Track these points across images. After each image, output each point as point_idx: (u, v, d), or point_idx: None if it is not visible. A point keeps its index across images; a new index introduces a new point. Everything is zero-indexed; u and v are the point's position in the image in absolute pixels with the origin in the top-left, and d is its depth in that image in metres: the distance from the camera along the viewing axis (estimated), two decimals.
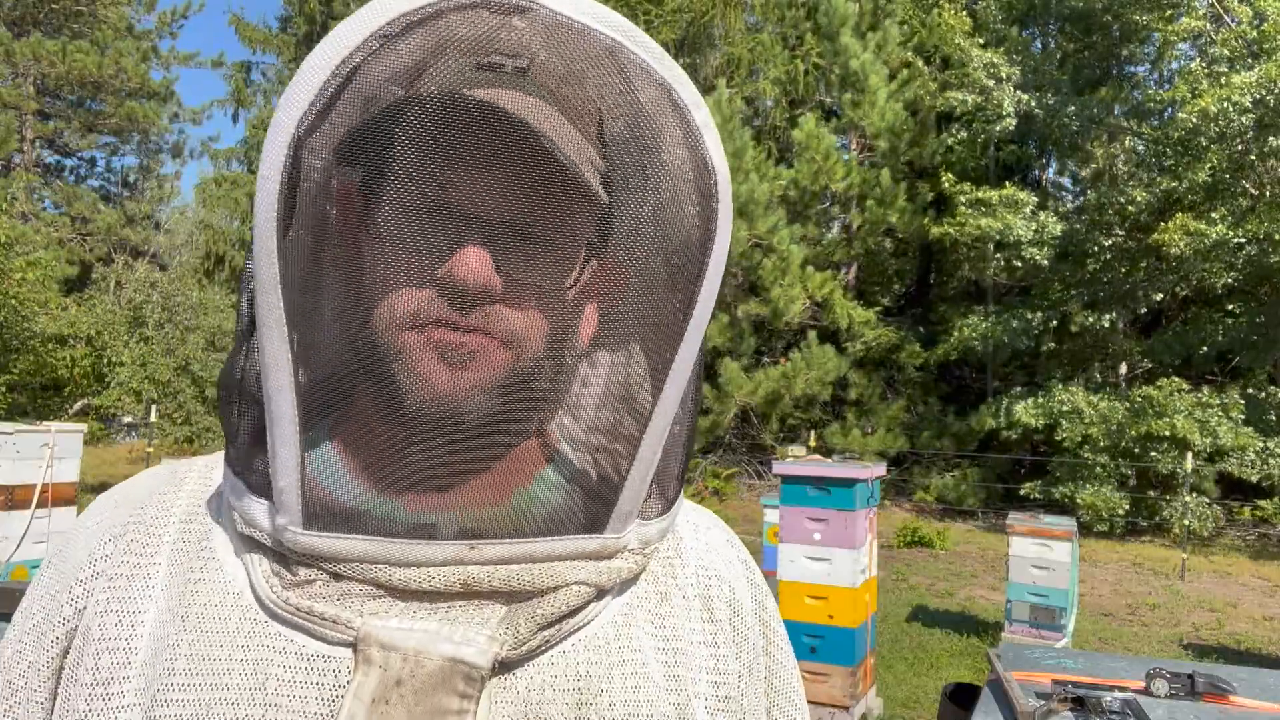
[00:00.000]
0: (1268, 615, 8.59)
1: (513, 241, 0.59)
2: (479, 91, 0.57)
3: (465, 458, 0.60)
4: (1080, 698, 2.04)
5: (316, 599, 0.57)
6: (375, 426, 0.62)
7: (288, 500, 0.57)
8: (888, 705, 5.61)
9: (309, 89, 0.54)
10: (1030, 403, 14.01)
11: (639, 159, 0.60)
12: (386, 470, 0.61)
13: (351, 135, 0.56)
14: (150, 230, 29.96)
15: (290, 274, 0.55)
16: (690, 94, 0.59)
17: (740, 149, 15.89)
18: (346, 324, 0.60)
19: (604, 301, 0.64)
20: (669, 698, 0.64)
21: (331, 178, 0.58)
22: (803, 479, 5.19)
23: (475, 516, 0.60)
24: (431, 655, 0.55)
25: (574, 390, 0.68)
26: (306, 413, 0.57)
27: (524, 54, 0.58)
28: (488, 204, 0.58)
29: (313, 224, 0.57)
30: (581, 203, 0.59)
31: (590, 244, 0.62)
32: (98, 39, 26.56)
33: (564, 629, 0.61)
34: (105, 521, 0.68)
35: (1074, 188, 17.97)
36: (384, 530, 0.57)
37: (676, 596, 0.69)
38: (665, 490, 0.67)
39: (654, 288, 0.62)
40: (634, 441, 0.62)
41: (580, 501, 0.64)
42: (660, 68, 0.58)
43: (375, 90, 0.56)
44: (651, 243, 0.61)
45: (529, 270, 0.59)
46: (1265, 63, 11.66)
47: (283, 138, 0.54)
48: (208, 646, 0.58)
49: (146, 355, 15.81)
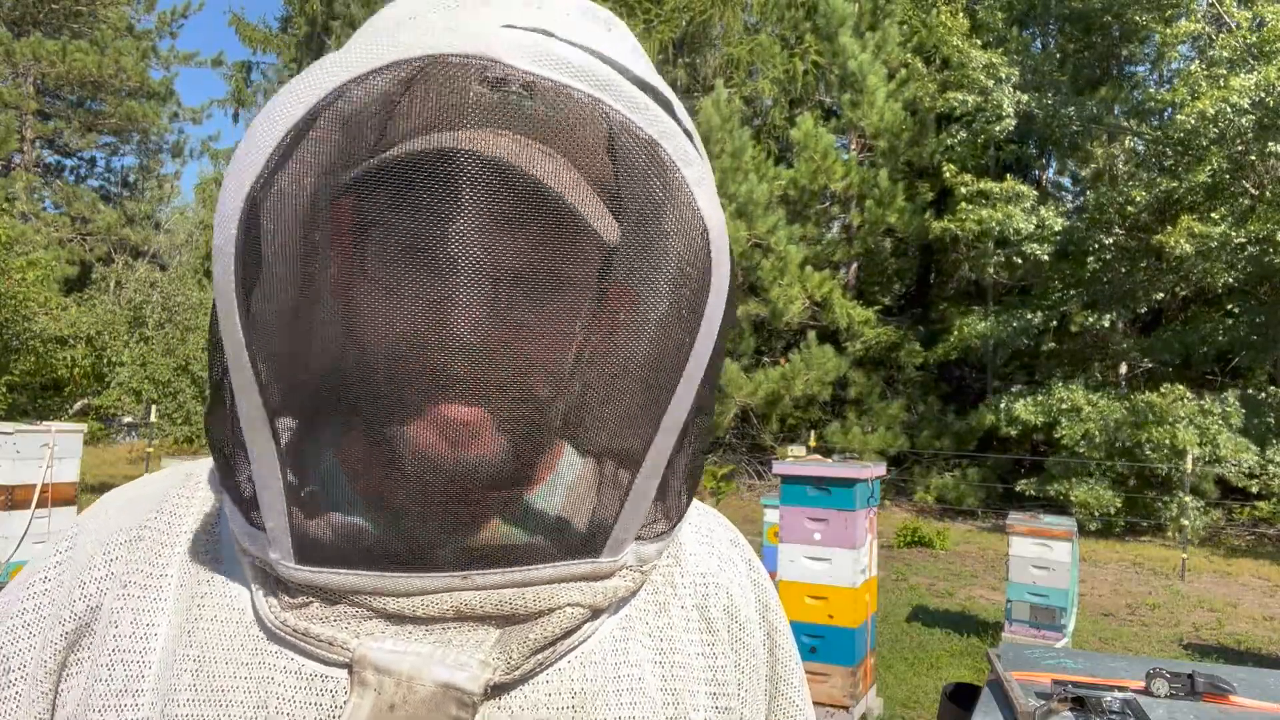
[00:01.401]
0: (1268, 615, 8.59)
1: (511, 300, 0.56)
2: (484, 140, 0.53)
3: (462, 508, 0.59)
4: (1080, 698, 2.04)
5: (313, 620, 0.57)
6: (367, 469, 0.61)
7: (278, 539, 0.57)
8: (888, 705, 5.61)
9: (270, 137, 0.50)
10: (1030, 401, 14.02)
11: (634, 217, 0.58)
12: (379, 506, 0.60)
13: (314, 191, 0.53)
14: (150, 230, 29.97)
15: (261, 333, 0.53)
16: (680, 148, 0.55)
17: (739, 149, 15.90)
18: (329, 384, 0.58)
19: (605, 346, 0.62)
20: (666, 711, 0.63)
21: (291, 236, 0.53)
22: (803, 479, 5.19)
23: (468, 547, 0.59)
24: (424, 680, 0.55)
25: (573, 421, 0.66)
26: (293, 452, 0.57)
27: (511, 108, 0.54)
28: (494, 259, 0.54)
29: (277, 279, 0.53)
30: (585, 259, 0.57)
31: (594, 294, 0.60)
32: (97, 39, 26.57)
33: (559, 649, 0.60)
34: (118, 521, 0.67)
35: (1074, 187, 17.99)
36: (377, 564, 0.57)
37: (675, 607, 0.69)
38: (667, 513, 0.66)
39: (651, 337, 0.60)
40: (630, 475, 0.61)
41: (575, 529, 0.63)
42: (645, 123, 0.54)
43: (341, 141, 0.52)
44: (649, 298, 0.59)
45: (533, 326, 0.57)
46: (1265, 66, 11.67)
47: (240, 187, 0.50)
48: (212, 664, 0.58)
49: (146, 355, 15.82)
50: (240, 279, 0.52)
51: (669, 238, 0.57)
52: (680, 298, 0.59)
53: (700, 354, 0.59)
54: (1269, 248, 12.30)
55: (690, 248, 0.57)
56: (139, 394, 15.47)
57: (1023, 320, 14.97)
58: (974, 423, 15.46)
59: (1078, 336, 15.69)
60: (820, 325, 16.39)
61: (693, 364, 0.59)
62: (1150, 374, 15.07)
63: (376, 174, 0.53)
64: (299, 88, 0.51)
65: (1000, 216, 14.30)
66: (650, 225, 0.57)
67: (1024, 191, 14.63)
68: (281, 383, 0.56)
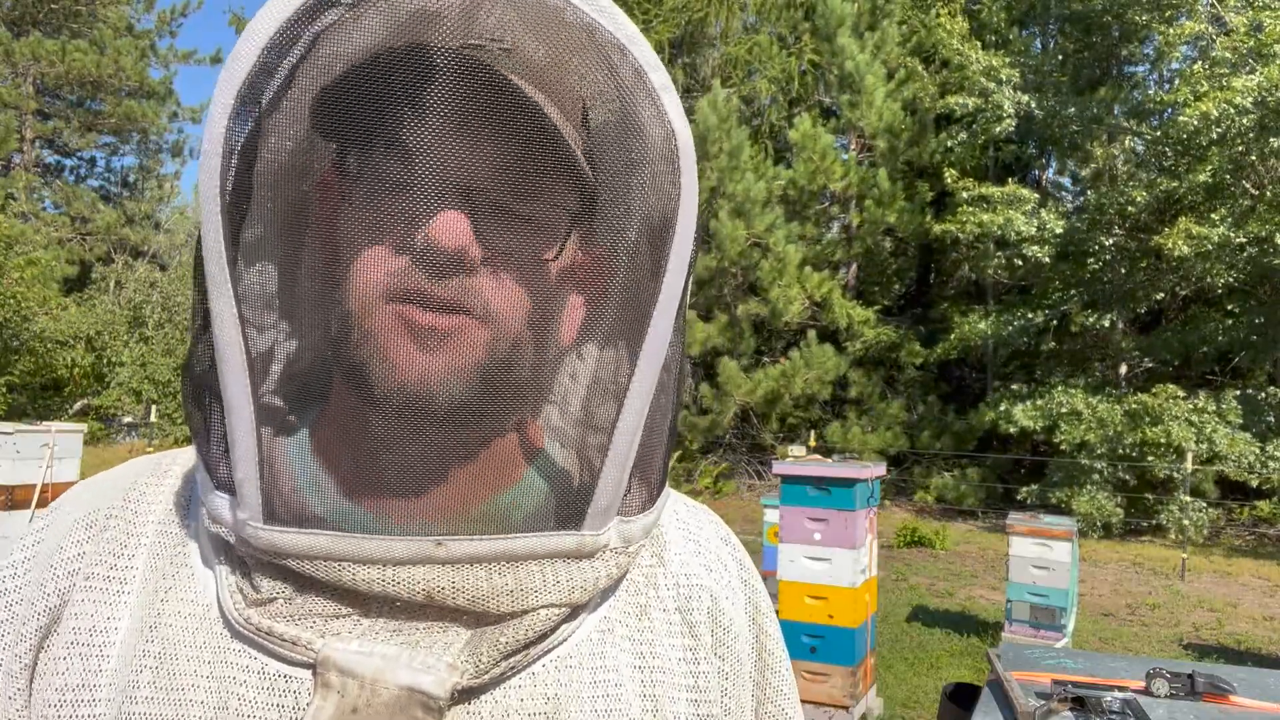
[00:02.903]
0: (1268, 615, 8.59)
1: (494, 209, 0.55)
2: (442, 43, 0.53)
3: (436, 450, 0.57)
4: (1080, 698, 2.04)
5: (277, 618, 0.55)
6: (340, 415, 0.59)
7: (247, 494, 0.54)
8: (888, 705, 5.61)
9: (254, 46, 0.50)
10: (1029, 405, 14.01)
11: (603, 125, 0.58)
12: (352, 463, 0.58)
13: (303, 94, 0.53)
14: (150, 230, 29.99)
15: (242, 253, 0.53)
16: (647, 55, 0.56)
17: (736, 148, 15.90)
18: (308, 303, 0.57)
19: (581, 277, 0.61)
20: (644, 718, 0.61)
21: (285, 142, 0.54)
22: (803, 479, 5.19)
23: (443, 512, 0.57)
24: (388, 683, 0.53)
25: (550, 378, 0.64)
26: (267, 403, 0.55)
27: (485, 22, 0.54)
28: (467, 167, 0.54)
29: (267, 197, 0.54)
30: (562, 166, 0.56)
31: (570, 214, 0.58)
32: (97, 38, 26.58)
33: (533, 653, 0.58)
34: (84, 510, 0.65)
35: (1074, 188, 17.99)
36: (346, 526, 0.55)
37: (656, 610, 0.66)
38: (647, 483, 0.64)
39: (626, 257, 0.59)
40: (609, 428, 0.58)
41: (555, 495, 0.61)
42: (613, 27, 0.55)
43: (329, 44, 0.53)
44: (621, 212, 0.58)
45: (510, 241, 0.56)
46: (1265, 67, 11.67)
47: (225, 99, 0.50)
48: (174, 661, 0.56)
49: (146, 355, 15.84)
50: (225, 187, 0.51)
51: (636, 140, 0.57)
52: (649, 214, 0.58)
53: (673, 283, 0.57)
54: (1269, 248, 12.30)
55: (659, 155, 0.57)
56: (139, 394, 15.49)
57: (1023, 319, 14.97)
58: (974, 423, 15.46)
59: (1078, 336, 15.69)
60: (820, 325, 16.39)
61: (666, 293, 0.57)
62: (1150, 374, 15.07)
63: (351, 79, 0.53)
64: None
65: (1001, 220, 14.31)
66: (620, 129, 0.57)
67: (1025, 195, 14.63)
68: (260, 308, 0.54)
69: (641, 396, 0.58)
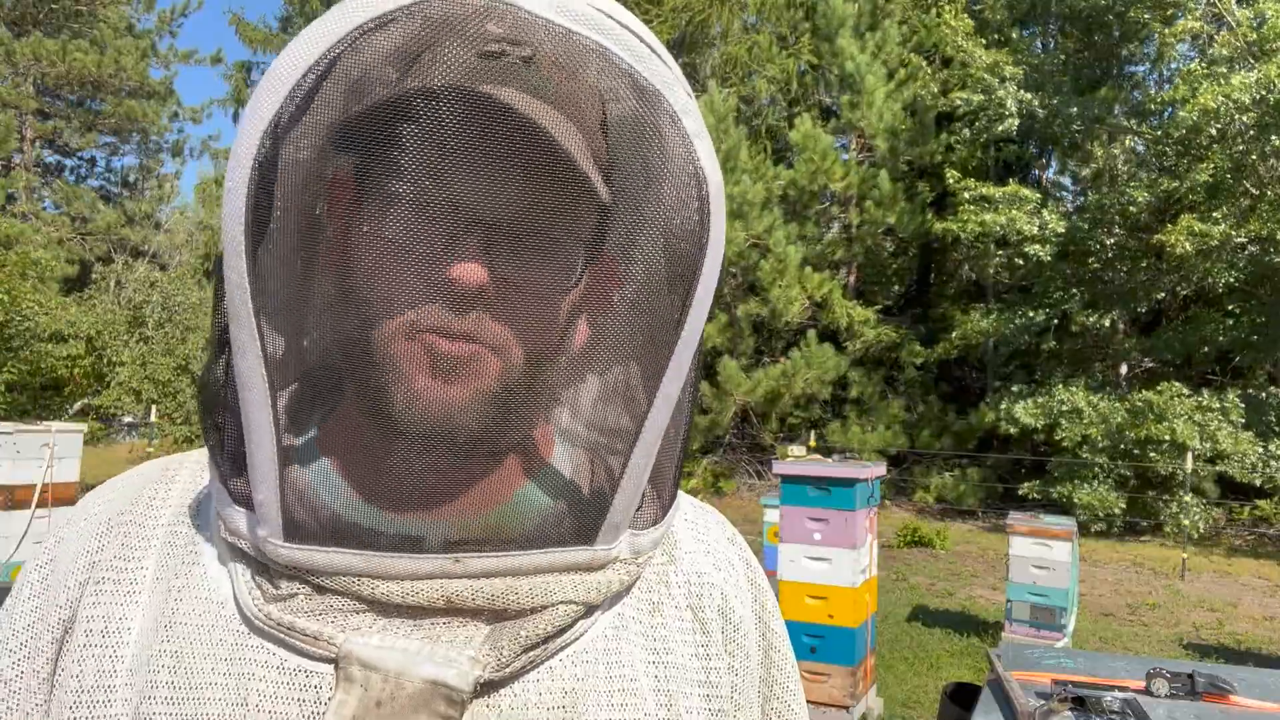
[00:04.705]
0: (1268, 615, 8.59)
1: (512, 245, 0.56)
2: (483, 85, 0.54)
3: (453, 471, 0.59)
4: (1080, 697, 2.04)
5: (299, 614, 0.56)
6: (359, 437, 0.60)
7: (267, 513, 0.55)
8: (888, 705, 5.61)
9: (289, 75, 0.51)
10: (1030, 403, 14.01)
11: (633, 168, 0.58)
12: (370, 482, 0.59)
13: (335, 127, 0.54)
14: (150, 230, 29.99)
15: (264, 276, 0.53)
16: (680, 100, 0.56)
17: (733, 148, 15.90)
18: (328, 329, 0.58)
19: (599, 309, 0.62)
20: (659, 713, 0.62)
21: (313, 172, 0.55)
22: (803, 479, 5.19)
23: (460, 529, 0.58)
24: (412, 676, 0.54)
25: (565, 398, 0.66)
26: (286, 422, 0.56)
27: (511, 52, 0.54)
28: (489, 205, 0.55)
29: (290, 224, 0.55)
30: (585, 208, 0.58)
31: (589, 250, 0.60)
32: (97, 38, 26.58)
33: (550, 648, 0.59)
34: (95, 519, 0.66)
35: (1074, 187, 17.99)
36: (366, 543, 0.56)
37: (669, 607, 0.68)
38: (660, 498, 0.65)
39: (648, 296, 0.60)
40: (626, 450, 0.60)
41: (569, 513, 0.63)
42: (649, 73, 0.55)
43: (363, 80, 0.53)
44: (647, 251, 0.59)
45: (528, 275, 0.57)
46: (1265, 63, 11.66)
47: (258, 126, 0.51)
48: (191, 658, 0.57)
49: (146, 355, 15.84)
50: (250, 221, 0.52)
51: (667, 186, 0.58)
52: (675, 254, 0.59)
53: (696, 318, 0.58)
54: (1270, 247, 12.30)
55: (688, 200, 0.58)
56: (139, 394, 15.49)
57: (1024, 318, 14.97)
58: (974, 422, 15.46)
59: (1078, 336, 15.68)
60: (820, 325, 16.39)
61: (688, 327, 0.58)
62: (1151, 374, 15.07)
63: (385, 115, 0.54)
64: (318, 29, 0.51)
65: (1003, 220, 14.30)
66: (650, 172, 0.58)
67: (1028, 195, 14.63)
68: (281, 331, 0.55)
69: (657, 428, 0.60)
